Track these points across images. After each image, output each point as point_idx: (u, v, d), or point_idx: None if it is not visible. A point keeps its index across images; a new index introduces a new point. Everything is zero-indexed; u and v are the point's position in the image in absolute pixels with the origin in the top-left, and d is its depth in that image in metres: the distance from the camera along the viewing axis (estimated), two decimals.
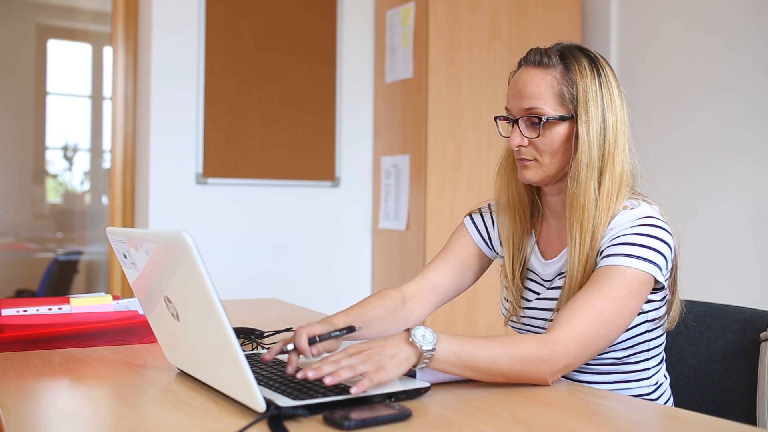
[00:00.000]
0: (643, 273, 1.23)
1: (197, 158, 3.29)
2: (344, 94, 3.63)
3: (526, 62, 1.38)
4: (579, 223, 1.29)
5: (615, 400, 1.12)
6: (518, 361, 1.13)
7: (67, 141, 5.92)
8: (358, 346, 1.08)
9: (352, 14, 3.65)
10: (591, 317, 1.19)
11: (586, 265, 1.28)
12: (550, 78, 1.32)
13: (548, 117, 1.31)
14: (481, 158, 3.44)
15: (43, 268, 4.74)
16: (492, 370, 1.12)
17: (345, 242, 3.65)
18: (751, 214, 3.09)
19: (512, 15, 3.53)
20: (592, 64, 1.33)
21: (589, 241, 1.28)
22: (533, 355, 1.13)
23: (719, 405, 1.47)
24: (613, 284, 1.21)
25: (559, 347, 1.15)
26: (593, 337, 1.19)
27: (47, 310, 1.52)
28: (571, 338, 1.17)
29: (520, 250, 1.46)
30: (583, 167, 1.29)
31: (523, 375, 1.14)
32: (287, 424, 0.95)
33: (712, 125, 3.24)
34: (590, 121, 1.30)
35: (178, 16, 3.26)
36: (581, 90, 1.31)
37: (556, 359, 1.15)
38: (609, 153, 1.30)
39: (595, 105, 1.30)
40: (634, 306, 1.23)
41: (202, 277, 0.94)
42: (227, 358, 0.98)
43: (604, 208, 1.29)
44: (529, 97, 1.33)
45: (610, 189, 1.30)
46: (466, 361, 1.10)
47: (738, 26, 3.17)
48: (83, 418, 1.01)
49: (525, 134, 1.34)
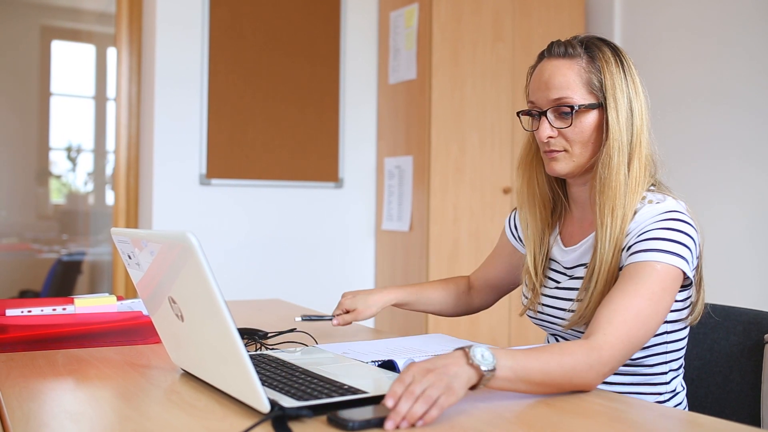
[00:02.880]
0: (673, 267, 1.22)
1: (201, 159, 3.30)
2: (348, 96, 3.63)
3: (549, 54, 1.37)
4: (611, 207, 1.30)
5: (620, 401, 1.12)
6: (569, 370, 1.10)
7: (71, 142, 5.93)
8: (422, 366, 1.01)
9: (355, 15, 3.65)
10: (631, 317, 1.18)
11: (616, 247, 1.29)
12: (577, 67, 1.33)
13: (579, 105, 1.32)
14: (484, 159, 3.44)
15: (46, 269, 4.75)
16: (546, 382, 1.09)
17: (348, 243, 3.65)
18: (753, 217, 3.09)
19: (515, 16, 3.53)
20: (614, 52, 1.35)
21: (619, 225, 1.29)
22: (583, 362, 1.12)
23: (723, 406, 1.47)
24: (647, 281, 1.21)
25: (605, 352, 1.14)
26: (635, 337, 1.18)
27: (51, 311, 1.53)
28: (615, 341, 1.15)
29: (542, 245, 1.47)
30: (615, 153, 1.30)
31: (573, 383, 1.12)
32: (291, 424, 0.95)
33: (713, 129, 3.23)
34: (618, 108, 1.31)
35: (182, 18, 3.26)
36: (608, 77, 1.32)
37: (603, 363, 1.14)
38: (636, 138, 1.32)
39: (621, 92, 1.32)
40: (669, 302, 1.23)
41: (207, 277, 0.94)
42: (231, 359, 0.98)
43: (632, 192, 1.31)
44: (557, 88, 1.33)
45: (638, 173, 1.32)
46: (521, 375, 1.07)
47: (740, 30, 3.16)
48: (87, 419, 1.01)
49: (554, 125, 1.34)
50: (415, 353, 1.37)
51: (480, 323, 3.33)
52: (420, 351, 1.39)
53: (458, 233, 3.38)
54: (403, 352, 1.38)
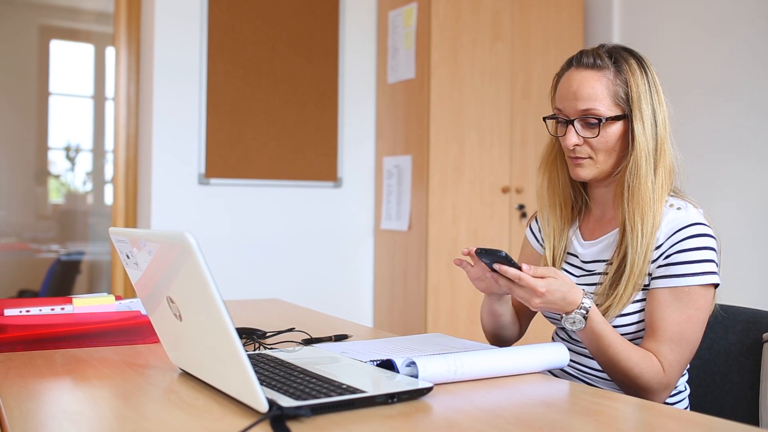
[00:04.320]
0: (702, 287, 1.33)
1: (199, 159, 3.29)
2: (346, 95, 3.63)
3: (578, 64, 1.42)
4: (641, 214, 1.35)
5: (618, 400, 1.12)
6: (631, 378, 1.30)
7: (70, 141, 5.93)
8: (554, 283, 1.26)
9: (354, 15, 3.65)
10: (685, 346, 1.32)
11: (647, 252, 1.35)
12: (605, 80, 1.38)
13: (606, 117, 1.37)
14: (483, 158, 3.44)
15: (45, 269, 4.75)
16: (611, 363, 1.31)
17: (347, 243, 3.65)
18: (752, 215, 3.09)
19: (514, 15, 3.53)
20: (639, 64, 1.40)
21: (649, 230, 1.35)
22: (645, 384, 1.30)
23: (722, 406, 1.47)
24: (691, 306, 1.32)
25: (668, 383, 1.31)
26: (687, 361, 1.34)
27: (50, 311, 1.53)
28: (676, 374, 1.32)
29: (562, 239, 1.53)
30: (642, 162, 1.36)
31: (627, 387, 1.31)
32: (290, 424, 0.95)
33: (713, 126, 3.23)
34: (644, 119, 1.37)
35: (181, 17, 3.26)
36: (634, 89, 1.38)
37: (661, 392, 1.31)
38: (661, 147, 1.39)
39: (646, 103, 1.38)
40: (704, 317, 1.34)
41: (205, 277, 0.94)
42: (230, 359, 0.98)
43: (658, 199, 1.37)
44: (585, 99, 1.38)
45: (663, 180, 1.38)
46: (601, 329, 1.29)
47: (740, 27, 3.16)
48: (86, 419, 1.01)
49: (581, 134, 1.40)
50: (414, 353, 1.37)
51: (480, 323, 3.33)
52: (419, 350, 1.39)
53: (457, 232, 3.38)
54: (401, 352, 1.38)
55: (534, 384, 1.20)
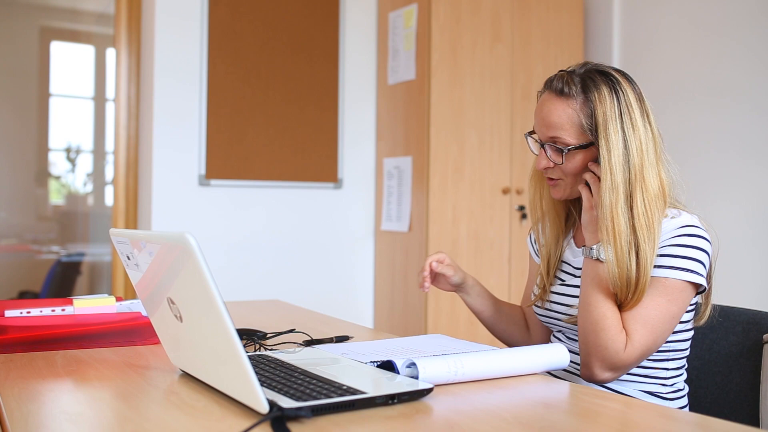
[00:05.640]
0: (681, 282, 1.32)
1: (200, 160, 3.30)
2: (347, 96, 3.63)
3: (549, 88, 1.42)
4: (613, 246, 1.32)
5: (619, 401, 1.12)
6: (599, 329, 1.31)
7: (70, 143, 5.93)
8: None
9: (354, 16, 3.66)
10: (650, 332, 1.31)
11: (628, 279, 1.32)
12: (570, 110, 1.37)
13: (570, 147, 1.38)
14: (483, 160, 3.44)
15: (46, 270, 4.75)
16: (592, 306, 1.33)
17: (347, 244, 3.65)
18: (753, 215, 3.09)
19: (514, 16, 3.53)
20: (612, 89, 1.36)
21: (635, 259, 1.32)
22: (604, 342, 1.31)
23: (722, 407, 1.47)
24: (663, 295, 1.32)
25: (623, 361, 1.31)
26: (650, 351, 1.34)
27: (50, 312, 1.53)
28: (635, 357, 1.32)
29: (557, 248, 1.54)
30: (606, 193, 1.33)
31: (589, 336, 1.33)
32: (290, 425, 0.95)
33: (713, 126, 3.24)
34: (611, 148, 1.33)
35: (181, 18, 3.26)
36: (600, 118, 1.34)
37: (613, 363, 1.31)
38: (636, 175, 1.33)
39: (615, 131, 1.34)
40: (676, 310, 1.33)
41: (206, 278, 0.94)
42: (230, 360, 0.98)
43: (643, 228, 1.32)
44: (551, 127, 1.39)
45: (645, 207, 1.33)
46: (599, 273, 1.33)
47: (740, 27, 3.16)
48: (86, 420, 1.01)
49: (551, 158, 1.41)
50: (414, 353, 1.37)
51: (480, 324, 3.33)
52: (419, 351, 1.39)
53: (457, 234, 3.38)
54: (401, 353, 1.38)
55: (534, 385, 1.20)
